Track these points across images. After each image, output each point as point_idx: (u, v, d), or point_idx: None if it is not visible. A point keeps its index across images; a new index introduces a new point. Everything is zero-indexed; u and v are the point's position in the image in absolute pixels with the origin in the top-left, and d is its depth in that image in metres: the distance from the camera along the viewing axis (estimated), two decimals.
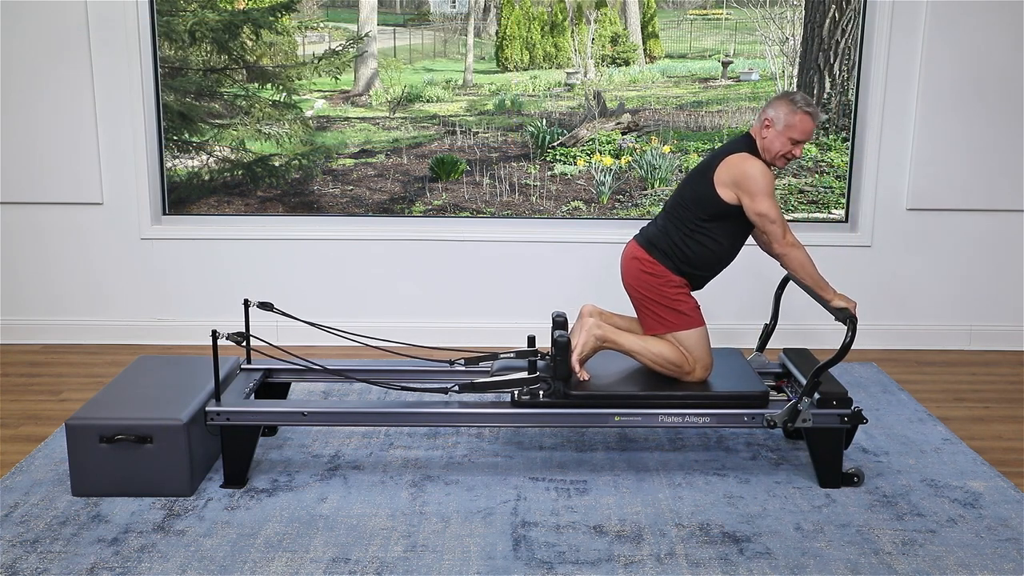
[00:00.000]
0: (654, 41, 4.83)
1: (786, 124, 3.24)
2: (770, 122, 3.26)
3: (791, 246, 3.22)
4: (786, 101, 3.25)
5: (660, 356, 3.33)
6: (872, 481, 3.31)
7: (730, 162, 3.24)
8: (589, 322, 3.37)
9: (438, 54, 4.85)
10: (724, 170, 3.24)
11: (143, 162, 4.62)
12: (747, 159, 3.23)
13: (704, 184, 3.27)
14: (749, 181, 3.20)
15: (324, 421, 3.35)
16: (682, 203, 3.34)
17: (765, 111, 3.29)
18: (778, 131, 3.25)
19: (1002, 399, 4.18)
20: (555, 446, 3.59)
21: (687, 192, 3.34)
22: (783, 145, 3.26)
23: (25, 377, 4.33)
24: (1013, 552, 2.87)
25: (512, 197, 4.85)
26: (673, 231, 3.33)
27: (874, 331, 4.76)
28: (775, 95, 3.35)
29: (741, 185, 3.21)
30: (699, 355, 3.33)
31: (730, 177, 3.23)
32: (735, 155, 3.25)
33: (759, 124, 3.29)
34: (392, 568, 2.74)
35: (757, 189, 3.19)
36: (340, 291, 4.78)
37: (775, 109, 3.26)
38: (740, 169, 3.21)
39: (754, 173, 3.20)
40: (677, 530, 2.97)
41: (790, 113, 3.23)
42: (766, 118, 3.27)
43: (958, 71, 4.54)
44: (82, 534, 2.90)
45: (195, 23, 4.63)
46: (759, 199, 3.19)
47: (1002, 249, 4.76)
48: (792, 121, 3.23)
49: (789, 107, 3.23)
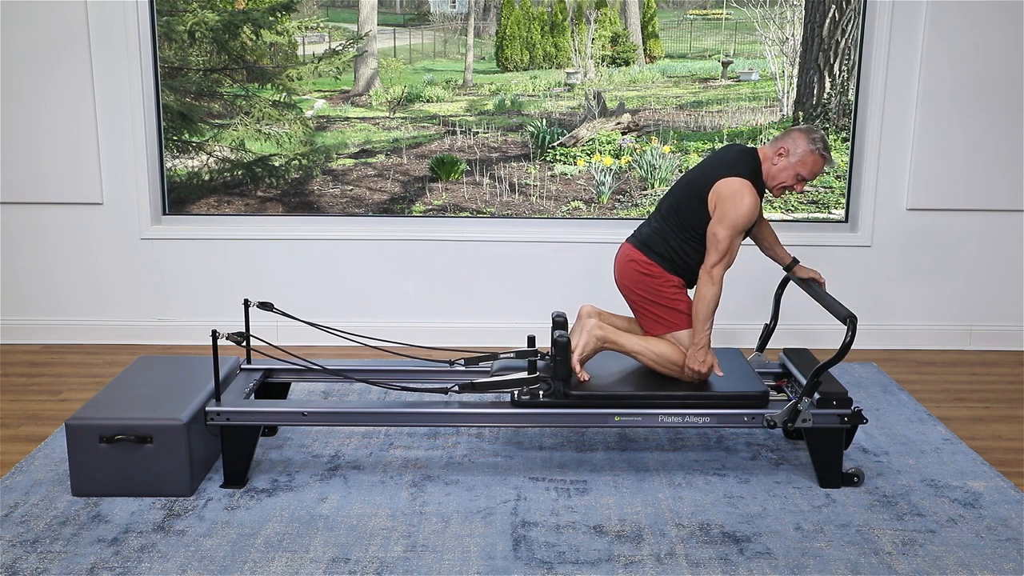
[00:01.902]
0: (654, 41, 4.83)
1: (800, 159, 3.27)
2: (785, 152, 3.28)
3: (713, 281, 3.25)
4: (807, 139, 3.27)
5: (662, 356, 3.34)
6: (872, 481, 3.32)
7: (730, 185, 3.23)
8: (590, 323, 3.38)
9: (438, 54, 4.85)
10: (723, 187, 3.24)
11: (143, 162, 4.62)
12: (743, 192, 3.22)
13: (698, 200, 3.29)
14: (731, 211, 3.20)
15: (324, 421, 3.35)
16: (678, 209, 3.35)
17: (784, 140, 3.30)
18: (790, 163, 3.28)
19: (1002, 399, 4.18)
20: (555, 446, 3.59)
21: (683, 201, 3.34)
22: (789, 178, 3.30)
23: (25, 377, 4.33)
24: (1013, 552, 2.87)
25: (512, 197, 4.85)
26: (670, 235, 3.35)
27: (874, 331, 4.76)
28: (796, 126, 3.35)
29: (723, 206, 3.22)
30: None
31: (724, 194, 3.22)
32: (735, 180, 3.24)
33: (773, 150, 3.31)
34: (392, 568, 2.74)
35: (732, 221, 3.20)
36: (340, 291, 4.78)
37: (794, 142, 3.28)
38: (732, 197, 3.21)
39: (741, 209, 3.20)
40: (677, 530, 2.97)
41: (807, 152, 3.26)
42: (783, 147, 3.29)
43: (958, 71, 4.54)
44: (82, 534, 2.90)
45: (195, 23, 4.63)
46: (724, 228, 3.20)
47: (1002, 249, 4.76)
48: (807, 159, 3.27)
49: (808, 146, 3.26)
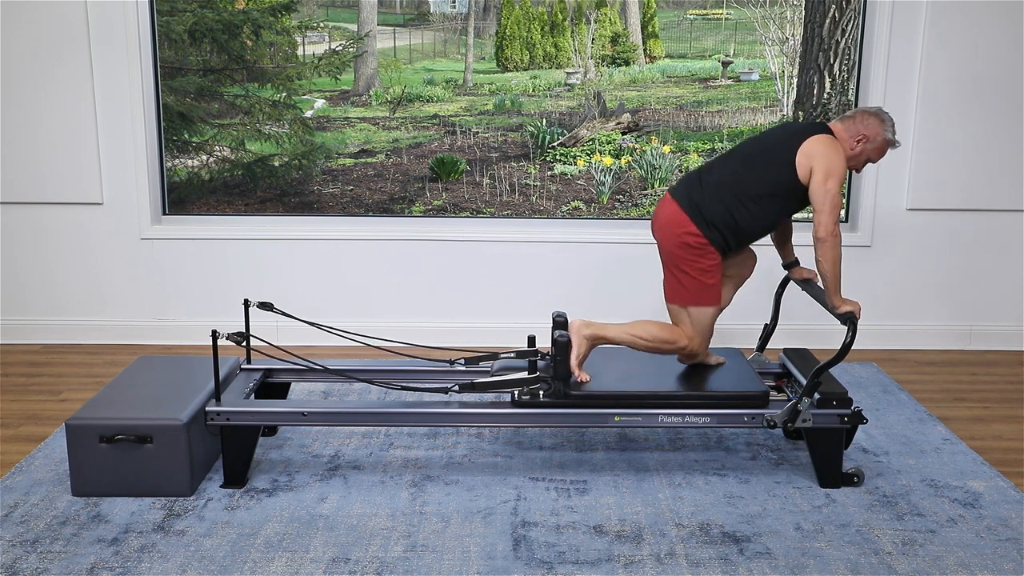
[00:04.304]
0: (654, 41, 4.83)
1: (878, 147, 3.35)
2: (864, 139, 3.32)
3: (835, 236, 3.23)
4: (884, 127, 3.32)
5: (651, 336, 3.36)
6: (872, 481, 3.32)
7: (821, 141, 3.26)
8: (576, 324, 3.37)
9: (438, 54, 4.85)
10: (813, 145, 3.26)
11: (143, 162, 4.62)
12: (836, 144, 3.27)
13: (780, 164, 3.28)
14: (835, 162, 3.23)
15: (324, 421, 3.35)
16: (739, 178, 3.32)
17: (861, 126, 3.33)
18: (867, 148, 3.34)
19: (1002, 399, 4.18)
20: (555, 446, 3.59)
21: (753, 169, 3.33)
22: (860, 164, 3.38)
23: (25, 377, 4.33)
24: (1013, 552, 2.87)
25: (512, 197, 4.85)
26: (730, 199, 3.31)
27: (874, 331, 4.76)
28: (868, 110, 3.37)
29: (824, 161, 3.23)
30: (701, 331, 3.38)
31: (817, 152, 3.24)
32: (824, 136, 3.28)
33: (849, 134, 3.32)
34: (392, 568, 2.74)
35: (838, 171, 3.22)
36: (340, 291, 4.78)
37: (873, 129, 3.32)
38: (826, 153, 3.24)
39: (840, 159, 3.25)
40: (677, 530, 2.97)
41: (884, 142, 3.34)
42: (863, 133, 3.31)
43: (958, 71, 4.54)
44: (82, 534, 2.90)
45: (195, 23, 4.63)
46: (834, 180, 3.21)
47: (1002, 249, 4.76)
48: (883, 148, 3.36)
49: (885, 135, 3.32)
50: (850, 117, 3.36)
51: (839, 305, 3.24)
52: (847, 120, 3.35)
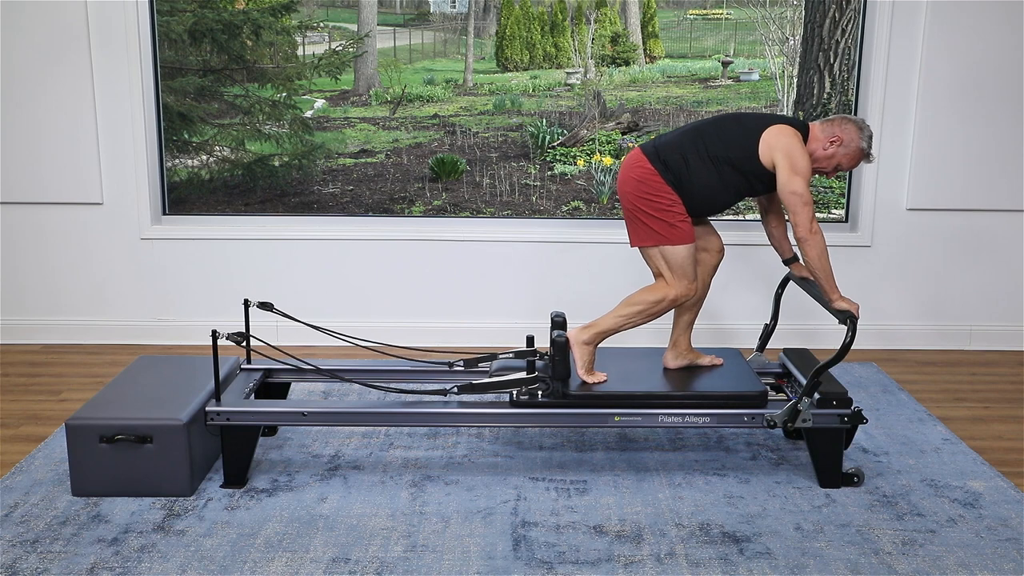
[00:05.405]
0: (654, 41, 4.83)
1: (850, 153, 3.31)
2: (839, 141, 3.29)
3: (814, 233, 3.21)
4: (860, 135, 3.30)
5: (639, 303, 3.33)
6: (872, 481, 3.32)
7: (784, 132, 3.24)
8: (572, 335, 3.35)
9: (438, 54, 4.85)
10: (777, 135, 3.24)
11: (143, 162, 4.62)
12: (798, 140, 3.24)
13: (746, 134, 3.27)
14: (798, 160, 3.20)
15: (324, 421, 3.35)
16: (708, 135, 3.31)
17: (838, 128, 3.30)
18: (839, 152, 3.30)
19: (1002, 399, 4.18)
20: (555, 446, 3.59)
21: (718, 131, 3.31)
22: (830, 165, 3.33)
23: (25, 377, 4.33)
24: (1013, 552, 2.87)
25: (512, 197, 4.85)
26: (689, 149, 3.29)
27: (874, 331, 4.76)
28: (849, 117, 3.35)
29: (788, 159, 3.20)
30: (681, 273, 3.32)
31: (780, 144, 3.22)
32: (788, 128, 3.26)
33: (825, 134, 3.30)
34: (392, 568, 2.74)
35: (800, 169, 3.20)
36: (340, 291, 4.78)
37: (849, 134, 3.29)
38: (790, 150, 3.21)
39: (804, 156, 3.22)
40: (677, 530, 2.97)
41: (858, 149, 3.31)
42: (838, 136, 3.29)
43: (958, 71, 4.54)
44: (82, 534, 2.90)
45: (195, 23, 4.63)
46: (797, 180, 3.18)
47: (1002, 249, 4.76)
48: (856, 155, 3.32)
49: (860, 143, 3.30)
50: (830, 120, 3.35)
51: (836, 298, 3.24)
52: (827, 122, 3.35)
